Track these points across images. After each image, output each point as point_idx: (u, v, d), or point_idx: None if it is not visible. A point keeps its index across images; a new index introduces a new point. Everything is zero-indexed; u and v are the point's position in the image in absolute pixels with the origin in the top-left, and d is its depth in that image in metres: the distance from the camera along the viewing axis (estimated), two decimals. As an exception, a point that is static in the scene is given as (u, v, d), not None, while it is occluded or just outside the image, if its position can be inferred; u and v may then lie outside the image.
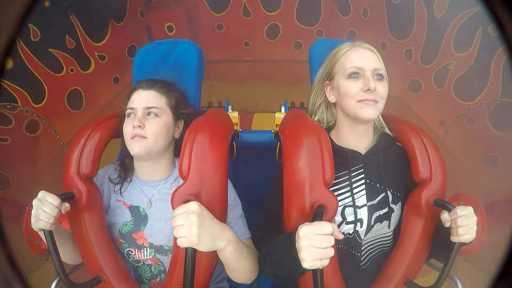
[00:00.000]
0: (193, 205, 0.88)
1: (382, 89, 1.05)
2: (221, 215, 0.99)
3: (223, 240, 0.93)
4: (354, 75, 1.06)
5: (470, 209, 0.95)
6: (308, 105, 1.23)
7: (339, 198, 1.07)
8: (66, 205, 1.02)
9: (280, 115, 1.52)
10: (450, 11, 2.15)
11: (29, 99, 1.91)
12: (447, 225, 0.96)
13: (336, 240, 0.86)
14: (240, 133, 1.51)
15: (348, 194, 1.09)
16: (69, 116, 2.19)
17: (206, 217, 0.90)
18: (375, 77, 1.06)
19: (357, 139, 1.13)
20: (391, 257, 1.10)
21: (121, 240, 1.16)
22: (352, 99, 1.06)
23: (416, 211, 1.07)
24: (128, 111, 1.15)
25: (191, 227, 0.86)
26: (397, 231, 1.12)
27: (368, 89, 1.03)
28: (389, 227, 1.11)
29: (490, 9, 0.59)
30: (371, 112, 1.04)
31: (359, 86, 1.05)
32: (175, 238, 0.89)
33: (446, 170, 1.08)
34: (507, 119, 1.89)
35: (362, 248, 1.11)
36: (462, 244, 0.95)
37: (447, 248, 0.97)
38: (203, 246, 0.89)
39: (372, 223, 1.09)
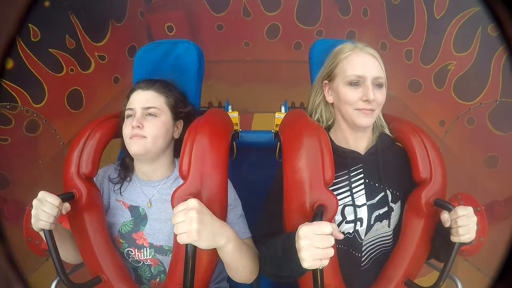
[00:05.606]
0: (193, 202, 0.88)
1: (380, 97, 1.07)
2: (221, 214, 0.99)
3: (223, 237, 0.93)
4: (355, 83, 1.07)
5: (470, 209, 0.95)
6: (308, 104, 1.23)
7: (338, 197, 1.07)
8: (66, 205, 1.02)
9: (280, 115, 1.52)
10: (450, 11, 2.15)
11: (29, 99, 1.91)
12: (447, 225, 0.96)
13: (337, 240, 0.86)
14: (240, 133, 1.51)
15: (348, 193, 1.09)
16: (69, 116, 2.19)
17: (206, 213, 0.90)
18: (375, 85, 1.06)
19: (356, 140, 1.13)
20: (391, 257, 1.10)
21: (121, 240, 1.16)
22: (350, 107, 1.07)
23: (416, 211, 1.07)
24: (127, 112, 1.15)
25: (191, 223, 0.86)
26: (397, 231, 1.12)
27: (367, 100, 1.04)
28: (389, 226, 1.11)
29: (490, 9, 0.59)
30: (368, 120, 1.07)
31: (359, 95, 1.05)
32: (175, 238, 0.89)
33: (446, 170, 1.08)
34: (507, 119, 1.89)
35: (363, 249, 1.11)
36: (462, 244, 0.95)
37: (447, 248, 0.97)
38: (203, 243, 0.89)
39: (372, 222, 1.09)
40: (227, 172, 1.02)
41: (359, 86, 1.06)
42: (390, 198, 1.11)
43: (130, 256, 1.16)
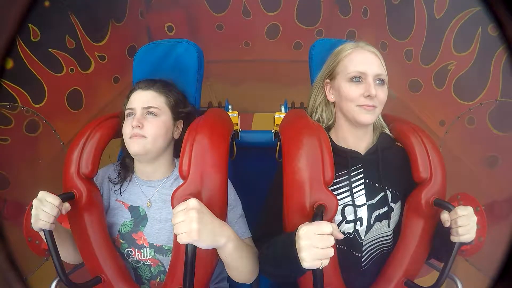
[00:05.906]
0: (193, 202, 0.88)
1: (382, 94, 1.06)
2: (221, 215, 0.99)
3: (223, 237, 0.93)
4: (356, 79, 1.07)
5: (470, 209, 0.95)
6: (309, 104, 1.24)
7: (338, 197, 1.07)
8: (66, 205, 1.02)
9: (280, 115, 1.52)
10: (450, 11, 2.15)
11: (29, 99, 1.91)
12: (447, 225, 0.96)
13: (337, 240, 0.86)
14: (240, 133, 1.51)
15: (348, 193, 1.09)
16: (69, 116, 2.19)
17: (206, 213, 0.90)
18: (377, 82, 1.06)
19: (357, 139, 1.13)
20: (391, 257, 1.10)
21: (121, 240, 1.16)
22: (352, 103, 1.07)
23: (416, 211, 1.07)
24: (127, 112, 1.15)
25: (191, 223, 0.86)
26: (397, 231, 1.12)
27: (368, 95, 1.04)
28: (388, 226, 1.11)
29: (490, 9, 0.59)
30: (369, 117, 1.06)
31: (360, 91, 1.05)
32: (175, 238, 0.89)
33: (446, 170, 1.08)
34: (507, 119, 1.89)
35: (363, 249, 1.11)
36: (462, 244, 0.95)
37: (447, 248, 0.97)
38: (203, 243, 0.89)
39: (372, 222, 1.09)
40: (227, 172, 1.02)
41: (361, 83, 1.06)
42: (390, 198, 1.11)
43: (130, 256, 1.16)
